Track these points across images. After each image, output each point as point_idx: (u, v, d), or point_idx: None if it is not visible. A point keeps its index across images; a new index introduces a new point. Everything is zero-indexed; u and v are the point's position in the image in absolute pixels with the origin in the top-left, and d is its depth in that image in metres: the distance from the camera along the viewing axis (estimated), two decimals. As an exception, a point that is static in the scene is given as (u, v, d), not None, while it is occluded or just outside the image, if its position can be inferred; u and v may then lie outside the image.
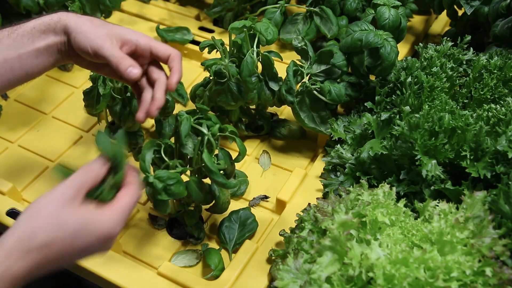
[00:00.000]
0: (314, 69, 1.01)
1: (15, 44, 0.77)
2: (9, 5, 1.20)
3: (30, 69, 0.79)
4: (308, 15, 1.28)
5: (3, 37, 0.78)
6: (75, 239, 0.63)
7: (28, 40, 0.77)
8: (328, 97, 0.99)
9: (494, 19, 1.11)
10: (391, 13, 1.01)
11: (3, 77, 0.77)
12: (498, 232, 0.69)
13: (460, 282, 0.65)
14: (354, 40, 0.98)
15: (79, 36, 0.76)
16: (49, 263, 0.62)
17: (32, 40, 0.78)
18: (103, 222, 0.64)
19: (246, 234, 0.94)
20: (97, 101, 1.05)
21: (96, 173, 0.66)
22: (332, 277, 0.69)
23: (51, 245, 0.61)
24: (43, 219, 0.62)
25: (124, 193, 0.68)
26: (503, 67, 0.97)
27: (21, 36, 0.77)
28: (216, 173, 0.81)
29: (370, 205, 0.74)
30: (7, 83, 0.79)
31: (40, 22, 0.78)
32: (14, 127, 1.16)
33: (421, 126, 0.82)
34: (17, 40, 0.77)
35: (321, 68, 1.01)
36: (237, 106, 1.04)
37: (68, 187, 0.64)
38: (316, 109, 1.02)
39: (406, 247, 0.69)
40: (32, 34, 0.78)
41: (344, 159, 0.97)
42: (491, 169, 0.79)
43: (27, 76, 0.80)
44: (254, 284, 0.86)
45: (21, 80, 0.80)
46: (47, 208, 0.62)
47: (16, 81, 0.79)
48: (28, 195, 1.03)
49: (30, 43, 0.77)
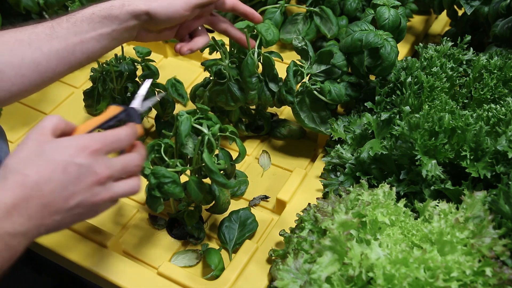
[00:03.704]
0: (314, 69, 1.01)
1: (75, 29, 0.77)
2: (9, 5, 1.20)
3: (92, 53, 0.80)
4: (308, 15, 1.28)
5: (61, 22, 0.78)
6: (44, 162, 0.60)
7: (89, 26, 0.78)
8: (328, 97, 0.99)
9: (494, 19, 1.11)
10: (391, 13, 1.01)
11: (65, 60, 0.78)
12: (498, 232, 0.69)
13: (460, 282, 0.65)
14: (354, 40, 0.98)
15: (159, 16, 0.81)
16: (31, 190, 0.59)
17: (93, 25, 0.78)
18: (62, 143, 0.62)
19: (246, 234, 0.94)
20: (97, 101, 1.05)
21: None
22: (332, 277, 0.69)
23: (21, 170, 0.59)
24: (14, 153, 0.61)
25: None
26: (503, 67, 0.97)
27: (80, 21, 0.78)
28: (216, 173, 0.81)
29: (370, 205, 0.74)
30: (68, 67, 0.79)
31: (100, 8, 0.80)
32: (14, 127, 1.16)
33: (421, 126, 0.82)
34: (77, 25, 0.78)
35: (321, 68, 1.01)
36: (236, 106, 1.04)
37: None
38: (316, 109, 1.02)
39: (406, 247, 0.69)
40: (92, 19, 0.78)
41: (344, 159, 0.97)
42: (491, 169, 0.79)
43: (87, 60, 0.81)
44: (254, 284, 0.86)
45: (82, 63, 0.81)
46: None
47: (77, 65, 0.80)
48: (28, 195, 1.03)
49: (91, 29, 0.78)
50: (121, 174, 0.65)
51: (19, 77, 0.74)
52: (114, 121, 0.70)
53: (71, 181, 0.61)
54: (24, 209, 0.58)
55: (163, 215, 0.99)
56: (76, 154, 0.61)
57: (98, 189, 0.63)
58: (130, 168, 0.66)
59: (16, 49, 0.74)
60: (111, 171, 0.64)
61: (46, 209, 0.60)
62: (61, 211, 0.61)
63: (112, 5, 0.80)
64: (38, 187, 0.59)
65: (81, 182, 0.61)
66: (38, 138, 0.62)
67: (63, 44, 0.77)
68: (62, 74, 0.80)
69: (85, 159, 0.61)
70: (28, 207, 0.58)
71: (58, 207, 0.60)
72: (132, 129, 0.68)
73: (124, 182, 0.66)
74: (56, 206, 0.60)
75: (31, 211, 0.59)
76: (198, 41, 0.90)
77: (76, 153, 0.61)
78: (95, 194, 0.63)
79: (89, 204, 0.63)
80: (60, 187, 0.60)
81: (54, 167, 0.60)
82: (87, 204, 0.63)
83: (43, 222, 0.60)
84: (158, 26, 0.84)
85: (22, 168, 0.60)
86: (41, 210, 0.59)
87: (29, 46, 0.75)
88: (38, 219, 0.59)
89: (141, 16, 0.81)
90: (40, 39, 0.76)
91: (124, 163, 0.66)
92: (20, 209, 0.58)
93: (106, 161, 0.64)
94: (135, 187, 0.67)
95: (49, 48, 0.76)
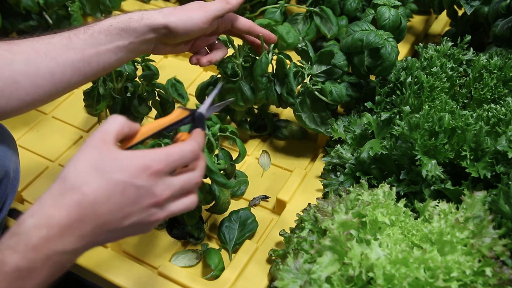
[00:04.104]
0: (315, 70, 1.01)
1: (92, 40, 0.77)
2: (9, 5, 1.20)
3: (108, 65, 0.80)
4: (308, 15, 1.28)
5: (79, 33, 0.77)
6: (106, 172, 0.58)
7: (106, 37, 0.78)
8: (329, 97, 0.99)
9: (494, 19, 1.11)
10: (391, 13, 1.01)
11: (80, 71, 0.77)
12: (498, 232, 0.69)
13: (460, 282, 0.65)
14: (355, 40, 0.98)
15: (178, 28, 0.80)
16: (86, 210, 0.57)
17: (111, 37, 0.78)
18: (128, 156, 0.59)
19: (246, 234, 0.94)
20: (97, 101, 1.05)
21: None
22: (332, 277, 0.69)
23: (80, 186, 0.57)
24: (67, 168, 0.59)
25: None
26: (503, 67, 0.97)
27: (98, 32, 0.78)
28: (216, 173, 0.81)
29: (370, 205, 0.74)
30: (83, 78, 0.78)
31: (118, 20, 0.79)
32: (14, 127, 1.16)
33: (421, 126, 0.82)
34: (94, 36, 0.77)
35: (322, 69, 1.01)
36: (245, 107, 1.04)
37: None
38: (317, 110, 1.02)
39: (406, 247, 0.69)
40: (109, 31, 0.78)
41: (344, 159, 0.97)
42: (491, 169, 0.79)
43: (103, 71, 0.80)
44: (254, 284, 0.86)
45: (97, 75, 0.80)
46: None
47: (92, 76, 0.80)
48: (28, 195, 1.03)
49: (108, 41, 0.78)
50: (180, 193, 0.63)
51: (34, 87, 0.74)
52: (179, 125, 0.67)
53: (129, 204, 0.59)
54: (77, 229, 0.57)
55: (163, 215, 0.99)
56: (136, 175, 0.58)
57: (154, 210, 0.61)
58: (189, 186, 0.63)
59: (32, 58, 0.74)
60: (171, 192, 0.61)
61: (99, 229, 0.58)
62: (113, 230, 0.60)
63: (131, 17, 0.80)
64: (94, 207, 0.57)
65: (138, 204, 0.59)
66: (100, 146, 0.59)
67: (79, 55, 0.76)
68: (77, 85, 0.79)
69: (146, 181, 0.59)
70: (81, 227, 0.57)
71: (111, 227, 0.59)
72: (198, 143, 0.64)
73: (181, 201, 0.63)
74: (110, 226, 0.59)
75: (84, 231, 0.57)
76: (216, 54, 0.90)
77: (136, 174, 0.58)
78: (151, 214, 0.61)
79: (144, 224, 0.61)
80: (117, 208, 0.58)
81: (113, 188, 0.58)
82: (141, 224, 0.61)
83: (94, 239, 0.59)
84: (176, 40, 0.83)
85: (80, 185, 0.57)
86: (94, 230, 0.58)
87: (45, 56, 0.74)
88: (90, 238, 0.58)
89: (159, 29, 0.80)
90: (57, 49, 0.75)
91: (184, 183, 0.63)
92: (73, 230, 0.57)
93: (166, 181, 0.61)
94: (191, 205, 0.64)
95: (65, 59, 0.75)
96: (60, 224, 0.56)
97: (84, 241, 0.58)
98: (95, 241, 0.59)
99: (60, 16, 1.27)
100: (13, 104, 0.73)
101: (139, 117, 1.06)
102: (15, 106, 0.74)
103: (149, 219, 0.61)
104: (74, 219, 0.56)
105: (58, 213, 0.56)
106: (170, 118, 0.67)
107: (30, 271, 0.55)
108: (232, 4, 0.84)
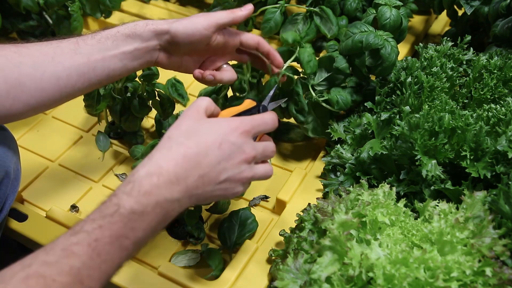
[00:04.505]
0: (317, 79, 1.01)
1: (99, 46, 0.78)
2: (9, 5, 1.20)
3: (112, 71, 0.80)
4: (308, 15, 1.28)
5: (86, 38, 0.79)
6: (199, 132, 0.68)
7: (113, 43, 0.79)
8: (336, 107, 0.99)
9: (494, 19, 1.11)
10: (392, 13, 1.01)
11: (85, 76, 0.78)
12: (498, 232, 0.69)
13: (460, 282, 0.65)
14: (355, 42, 0.98)
15: (180, 33, 0.81)
16: (190, 162, 0.65)
17: (117, 43, 0.79)
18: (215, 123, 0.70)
19: (246, 234, 0.94)
20: (97, 101, 1.05)
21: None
22: (332, 277, 0.69)
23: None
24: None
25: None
26: (503, 67, 0.97)
27: (105, 38, 0.79)
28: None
29: (370, 205, 0.74)
30: (88, 83, 0.79)
31: (125, 27, 0.81)
32: (14, 127, 1.16)
33: (421, 126, 0.82)
34: (101, 42, 0.79)
35: (323, 76, 1.01)
36: None
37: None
38: (322, 118, 1.02)
39: (406, 247, 0.69)
40: (116, 37, 0.79)
41: (344, 159, 0.97)
42: (491, 169, 0.79)
43: (107, 78, 0.81)
44: (254, 284, 0.86)
45: (101, 82, 0.81)
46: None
47: (96, 82, 0.80)
48: (28, 195, 1.03)
49: (115, 46, 0.79)
50: (262, 157, 0.72)
51: (39, 90, 0.75)
52: (247, 114, 0.77)
53: (224, 157, 0.68)
54: (183, 178, 0.65)
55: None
56: (229, 133, 0.68)
57: (244, 167, 0.70)
58: (268, 153, 0.73)
59: (39, 62, 0.75)
60: (256, 152, 0.71)
61: (201, 180, 0.66)
62: (212, 183, 0.67)
63: (137, 24, 0.81)
64: (197, 158, 0.66)
65: (232, 159, 0.68)
66: (195, 115, 0.70)
67: (85, 60, 0.77)
68: (81, 91, 0.80)
69: (237, 139, 0.69)
70: (186, 178, 0.65)
71: (211, 179, 0.67)
72: (274, 115, 0.75)
73: (262, 165, 0.73)
74: (210, 178, 0.67)
75: (189, 180, 0.65)
76: (223, 74, 0.88)
77: (229, 132, 0.68)
78: (241, 171, 0.70)
79: (235, 180, 0.69)
80: (215, 161, 0.67)
81: (211, 143, 0.67)
82: (233, 180, 0.69)
83: (196, 191, 0.66)
84: (179, 48, 0.83)
85: (184, 140, 0.67)
86: (196, 180, 0.66)
87: (52, 60, 0.76)
88: (193, 188, 0.66)
89: (163, 35, 0.81)
90: (64, 54, 0.77)
91: (265, 147, 0.73)
92: (179, 179, 0.65)
93: (252, 143, 0.71)
94: (269, 171, 0.74)
95: (71, 63, 0.77)
96: (169, 173, 0.64)
97: (188, 191, 0.65)
98: (197, 194, 0.67)
99: (60, 16, 1.27)
100: (18, 106, 0.74)
101: (139, 117, 1.06)
102: (20, 109, 0.75)
103: (239, 175, 0.69)
104: (180, 170, 0.65)
105: (167, 164, 0.64)
106: (243, 106, 0.78)
107: (141, 215, 0.62)
108: (237, 15, 0.84)
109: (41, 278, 0.54)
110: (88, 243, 0.58)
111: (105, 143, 1.13)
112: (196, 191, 0.66)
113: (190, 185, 0.65)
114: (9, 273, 0.55)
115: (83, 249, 0.58)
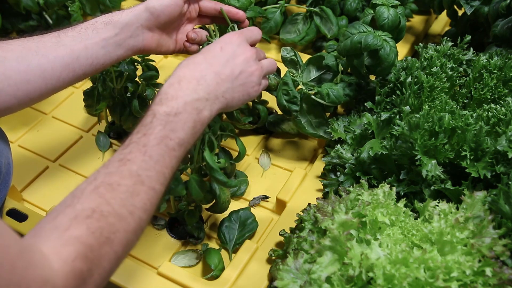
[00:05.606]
0: (305, 78, 1.01)
1: (80, 36, 0.81)
2: (9, 5, 1.20)
3: (96, 60, 0.82)
4: (308, 15, 1.28)
5: (67, 31, 0.81)
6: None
7: (93, 32, 0.81)
8: (327, 100, 0.99)
9: (494, 19, 1.11)
10: (390, 13, 1.01)
11: (69, 67, 0.80)
12: (498, 232, 0.69)
13: (460, 282, 0.65)
14: (354, 42, 0.98)
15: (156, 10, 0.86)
16: (204, 65, 0.76)
17: (97, 31, 0.82)
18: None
19: (246, 234, 0.94)
20: (97, 101, 1.05)
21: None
22: (332, 277, 0.69)
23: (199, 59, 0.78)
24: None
25: None
26: (503, 67, 0.97)
27: (85, 28, 0.82)
28: (217, 170, 0.81)
29: (370, 205, 0.74)
30: (72, 74, 0.81)
31: (103, 16, 0.84)
32: (14, 127, 1.16)
33: (421, 126, 0.82)
34: (82, 32, 0.81)
35: (312, 76, 1.02)
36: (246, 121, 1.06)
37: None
38: (314, 114, 1.02)
39: (406, 247, 0.69)
40: (95, 26, 0.82)
41: (344, 159, 0.97)
42: (491, 169, 0.79)
43: (91, 68, 0.82)
44: (254, 284, 0.86)
45: (86, 72, 0.82)
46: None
47: (81, 73, 0.82)
48: (28, 195, 1.03)
49: (95, 34, 0.82)
50: (259, 55, 0.85)
51: (25, 82, 0.76)
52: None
53: (230, 56, 0.79)
54: (201, 77, 0.75)
55: (163, 215, 0.99)
56: (226, 39, 0.81)
57: (251, 62, 0.81)
58: (262, 53, 0.88)
59: (23, 55, 0.76)
60: (255, 50, 0.83)
61: (218, 77, 0.76)
62: (230, 79, 0.78)
63: (114, 12, 0.85)
64: (207, 61, 0.77)
65: (236, 56, 0.80)
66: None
67: (68, 50, 0.79)
68: (67, 82, 0.81)
69: (234, 40, 0.81)
70: (203, 76, 0.75)
71: (227, 75, 0.78)
72: (258, 30, 0.87)
73: (266, 60, 0.86)
74: (226, 74, 0.77)
75: (208, 78, 0.75)
76: (202, 37, 0.93)
77: (225, 38, 0.81)
78: (251, 65, 0.81)
79: (248, 73, 0.80)
80: (224, 60, 0.78)
81: (213, 49, 0.79)
82: (246, 73, 0.80)
83: (220, 90, 0.76)
84: (158, 21, 0.85)
85: (191, 57, 0.78)
86: (214, 77, 0.76)
87: (36, 53, 0.77)
88: (215, 86, 0.76)
89: (141, 14, 0.84)
90: (47, 47, 0.78)
91: (258, 49, 0.86)
92: (198, 78, 0.75)
93: (248, 45, 0.83)
94: (274, 63, 0.88)
95: (54, 55, 0.78)
96: (187, 77, 0.74)
97: (212, 92, 0.75)
98: (221, 91, 0.76)
99: (60, 16, 1.27)
100: (6, 99, 0.75)
101: (139, 117, 1.06)
102: (7, 102, 0.76)
103: (250, 69, 0.81)
104: (195, 72, 0.75)
105: (183, 72, 0.75)
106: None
107: (175, 115, 0.70)
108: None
109: (108, 185, 0.61)
110: (139, 149, 0.65)
111: (105, 143, 1.13)
112: (219, 89, 0.76)
113: (211, 83, 0.75)
114: (79, 190, 0.61)
115: (136, 155, 0.65)
